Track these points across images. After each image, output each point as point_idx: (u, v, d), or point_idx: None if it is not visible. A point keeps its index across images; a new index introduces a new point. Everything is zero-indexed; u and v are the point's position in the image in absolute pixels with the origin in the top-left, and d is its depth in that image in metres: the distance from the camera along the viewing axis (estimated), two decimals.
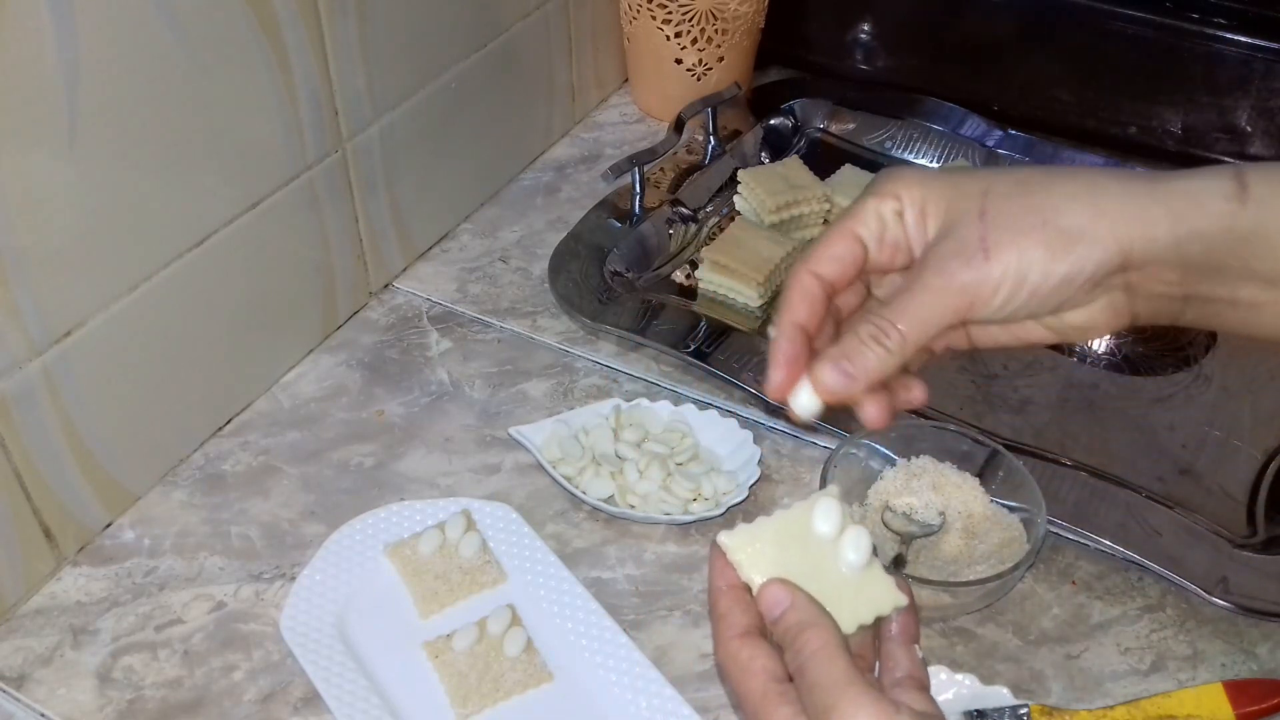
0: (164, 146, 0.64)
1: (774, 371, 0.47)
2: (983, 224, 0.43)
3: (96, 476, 0.66)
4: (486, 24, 0.88)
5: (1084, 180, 0.43)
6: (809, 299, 0.46)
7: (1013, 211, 0.43)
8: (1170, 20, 0.92)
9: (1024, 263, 0.42)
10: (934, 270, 0.44)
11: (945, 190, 0.45)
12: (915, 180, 0.46)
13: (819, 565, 0.45)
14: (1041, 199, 0.43)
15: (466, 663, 0.60)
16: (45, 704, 0.59)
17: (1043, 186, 0.43)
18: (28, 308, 0.59)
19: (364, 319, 0.83)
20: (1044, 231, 0.42)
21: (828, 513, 0.46)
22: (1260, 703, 0.57)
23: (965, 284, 0.43)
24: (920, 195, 0.45)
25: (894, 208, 0.46)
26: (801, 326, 0.46)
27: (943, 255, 0.44)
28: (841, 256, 0.46)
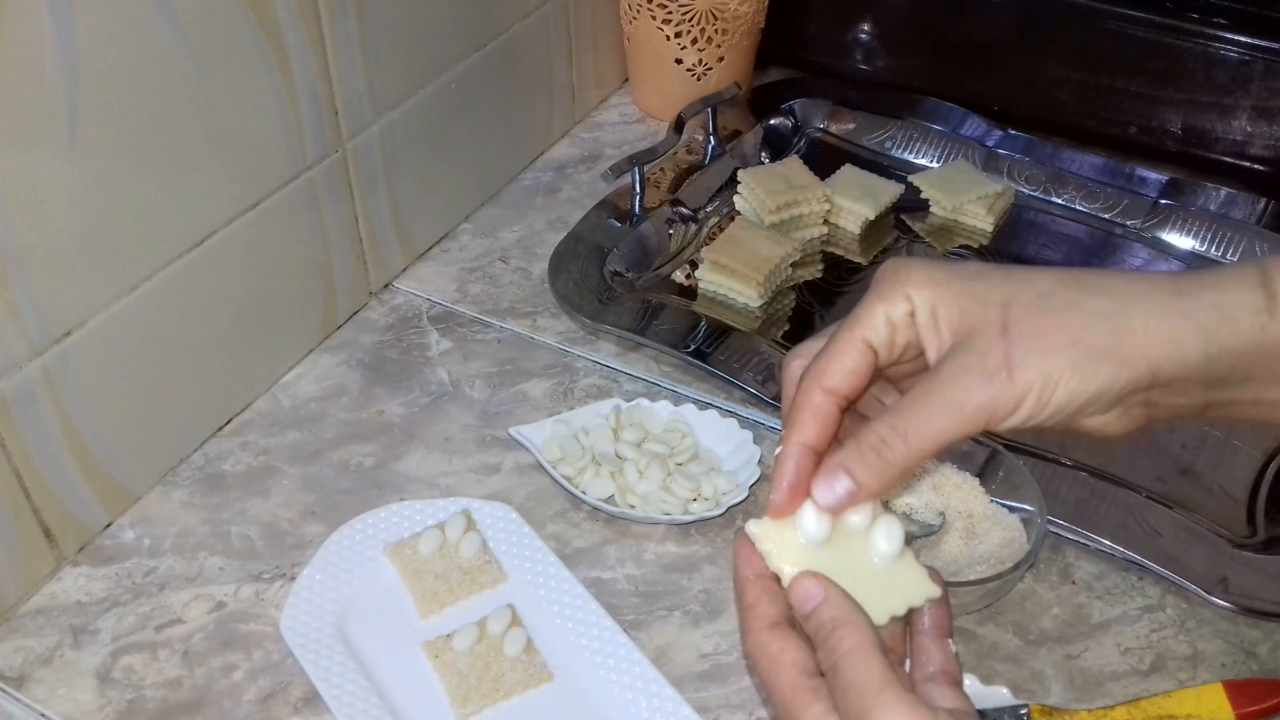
0: (164, 146, 0.64)
1: (776, 495, 0.45)
2: (1005, 340, 0.41)
3: (96, 476, 0.66)
4: (486, 24, 0.88)
5: (1111, 296, 0.41)
6: (820, 418, 0.44)
7: (1038, 329, 0.41)
8: (1170, 20, 0.92)
9: (1050, 383, 0.41)
10: (951, 384, 0.41)
11: (961, 295, 0.42)
12: (926, 279, 0.43)
13: (850, 555, 0.44)
14: (1068, 316, 0.41)
15: (466, 663, 0.60)
16: (45, 704, 0.59)
17: (1069, 304, 0.41)
18: (28, 308, 0.59)
19: (364, 319, 0.83)
20: (1073, 352, 0.40)
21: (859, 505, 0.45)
22: (1260, 703, 0.57)
23: (984, 403, 0.41)
24: (932, 297, 0.43)
25: (905, 310, 0.43)
26: (811, 448, 0.44)
27: (961, 370, 0.41)
28: (854, 369, 0.44)
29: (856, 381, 0.44)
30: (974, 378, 0.41)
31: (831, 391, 0.44)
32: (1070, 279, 0.42)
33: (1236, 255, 0.87)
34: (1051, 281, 0.42)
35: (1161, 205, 0.90)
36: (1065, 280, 0.42)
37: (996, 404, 0.41)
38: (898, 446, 0.42)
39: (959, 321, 0.42)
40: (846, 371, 0.44)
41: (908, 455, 0.42)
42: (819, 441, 0.45)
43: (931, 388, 0.42)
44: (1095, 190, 0.93)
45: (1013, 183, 0.95)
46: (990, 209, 0.91)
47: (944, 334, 0.43)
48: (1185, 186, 0.91)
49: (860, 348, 0.44)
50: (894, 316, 0.44)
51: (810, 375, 0.45)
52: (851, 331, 0.44)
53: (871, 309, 0.44)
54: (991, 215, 0.91)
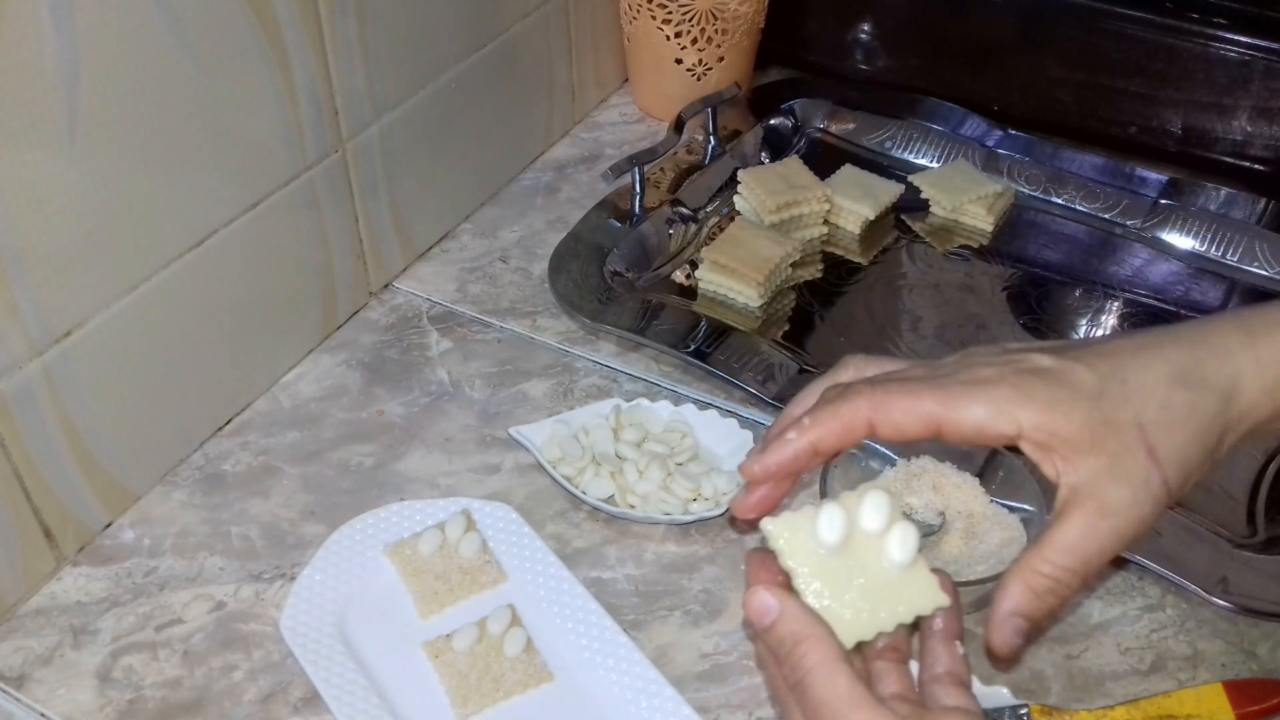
0: (164, 146, 0.64)
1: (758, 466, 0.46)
2: (1156, 465, 0.42)
3: (96, 476, 0.66)
4: (486, 24, 0.88)
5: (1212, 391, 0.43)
6: (846, 436, 0.45)
7: (1176, 443, 0.43)
8: (1170, 20, 0.92)
9: (1191, 479, 0.44)
10: (1123, 518, 0.43)
11: (1087, 420, 0.42)
12: (1046, 404, 0.43)
13: (862, 559, 0.44)
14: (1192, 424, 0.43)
15: (466, 663, 0.60)
16: (45, 704, 0.59)
17: (1190, 408, 0.43)
18: (28, 308, 0.59)
19: (364, 319, 0.83)
20: (1204, 455, 0.43)
21: (877, 507, 0.44)
22: (1260, 702, 0.57)
23: (1150, 523, 0.43)
24: (1048, 422, 0.42)
25: (1007, 434, 0.43)
26: (816, 451, 0.45)
27: (1127, 502, 0.42)
28: (904, 429, 0.44)
29: (900, 437, 0.45)
30: (1144, 508, 0.42)
31: (871, 426, 0.44)
32: (1181, 377, 0.43)
33: (1236, 255, 0.87)
34: (1167, 385, 0.43)
35: (1161, 205, 0.90)
36: (1179, 380, 0.43)
37: (1158, 514, 0.43)
38: (1073, 583, 0.43)
39: (1092, 454, 0.42)
40: (897, 425, 0.44)
41: (1079, 587, 0.43)
42: (826, 451, 0.45)
43: (1102, 527, 0.42)
44: (1095, 190, 0.93)
45: (1013, 183, 0.95)
46: (990, 209, 0.91)
47: (1070, 456, 0.43)
48: (1185, 186, 0.91)
49: (926, 424, 0.44)
50: (989, 431, 0.43)
51: (866, 398, 0.44)
52: (937, 409, 0.43)
53: (969, 407, 0.43)
54: (991, 215, 0.91)
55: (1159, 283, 0.87)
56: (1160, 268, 0.88)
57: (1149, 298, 0.85)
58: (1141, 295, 0.85)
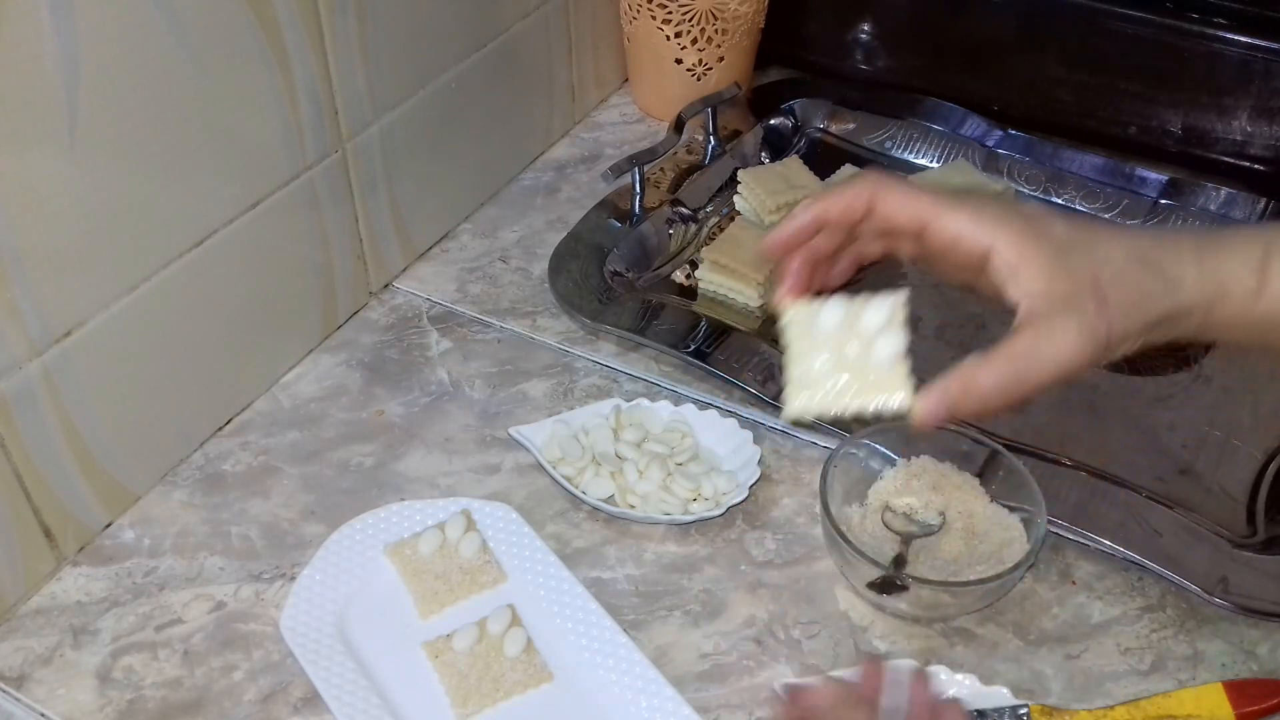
0: (164, 146, 0.64)
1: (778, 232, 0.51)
2: (1103, 313, 0.48)
3: (96, 476, 0.66)
4: (486, 24, 0.88)
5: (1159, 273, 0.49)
6: (852, 209, 0.50)
7: (1122, 304, 0.48)
8: (1170, 20, 0.92)
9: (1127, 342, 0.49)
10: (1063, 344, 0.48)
11: (1051, 265, 0.48)
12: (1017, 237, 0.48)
13: (851, 347, 0.48)
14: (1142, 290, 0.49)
15: (466, 663, 0.60)
16: (45, 704, 0.59)
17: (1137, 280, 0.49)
18: (28, 308, 0.59)
19: (364, 319, 0.83)
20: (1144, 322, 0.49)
21: (879, 307, 0.48)
22: (1260, 703, 0.57)
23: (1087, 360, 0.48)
24: (1018, 256, 0.48)
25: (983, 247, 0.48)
26: (822, 220, 0.51)
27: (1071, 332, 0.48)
28: (906, 215, 0.50)
29: (890, 223, 0.50)
30: (1085, 340, 0.47)
31: (870, 206, 0.50)
32: (1137, 255, 0.49)
33: None
34: (1123, 259, 0.49)
35: (1161, 205, 0.90)
36: (1135, 258, 0.49)
37: (1095, 360, 0.48)
38: (1011, 380, 0.48)
39: (1045, 281, 0.48)
40: (892, 211, 0.50)
41: (1021, 389, 0.48)
42: (831, 220, 0.51)
43: (1043, 343, 0.48)
44: (1095, 190, 0.93)
45: (1013, 183, 0.95)
46: None
47: (1026, 286, 0.48)
48: (1185, 186, 0.91)
49: (918, 219, 0.49)
50: (964, 242, 0.49)
51: (872, 182, 0.50)
52: (927, 208, 0.49)
53: (955, 217, 0.49)
54: None
55: None
56: None
57: None
58: None
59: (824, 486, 0.63)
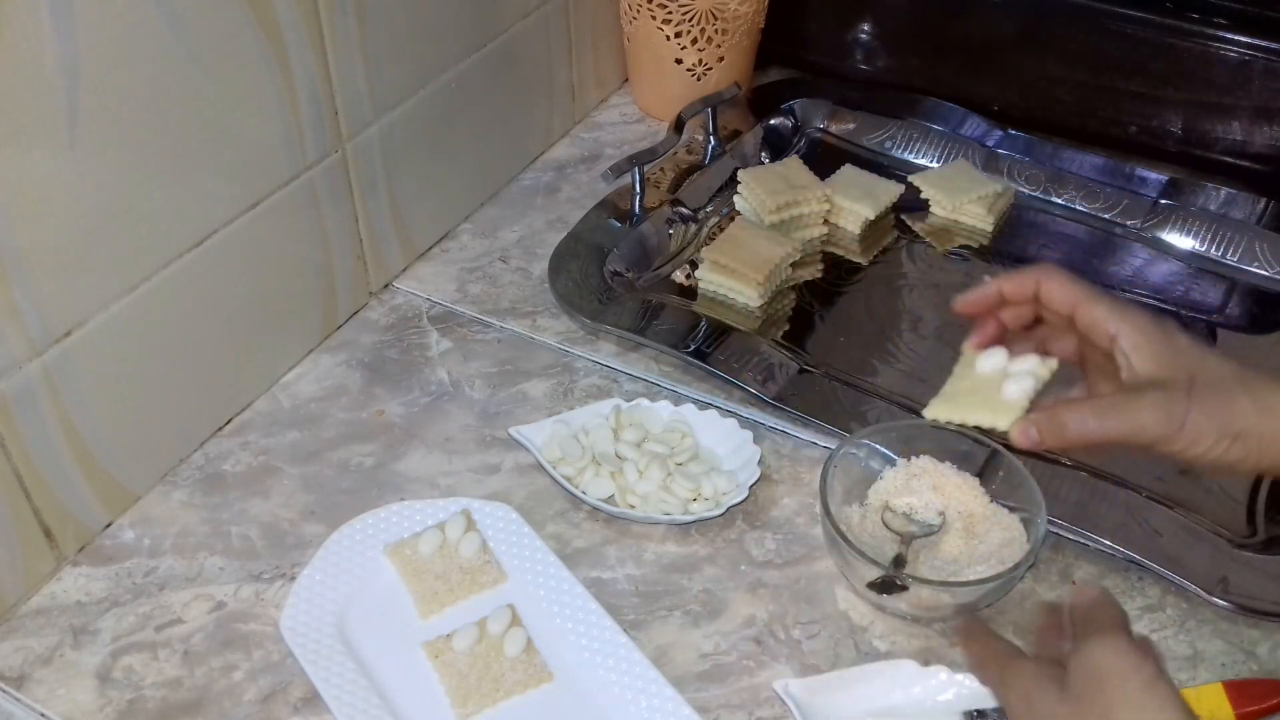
0: (164, 146, 0.64)
1: (974, 295, 0.60)
2: (1188, 400, 0.53)
3: (96, 476, 0.66)
4: (486, 24, 0.88)
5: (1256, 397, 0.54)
6: (1025, 292, 0.59)
7: (1208, 405, 0.53)
8: (1170, 20, 0.92)
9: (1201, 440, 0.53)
10: (1146, 409, 0.54)
11: (1161, 352, 0.55)
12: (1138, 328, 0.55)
13: (993, 386, 0.58)
14: (1230, 404, 0.53)
15: (466, 663, 0.60)
16: (45, 704, 0.59)
17: (1232, 395, 0.54)
18: (28, 308, 0.59)
19: (364, 319, 0.83)
20: (1221, 429, 0.53)
21: (1027, 361, 0.58)
22: (1260, 703, 0.57)
23: (1159, 434, 0.53)
24: (1136, 339, 0.55)
25: (1110, 331, 0.56)
26: (1002, 295, 0.60)
27: (1155, 403, 0.53)
28: (1061, 301, 0.58)
29: (1048, 301, 0.59)
30: (1162, 414, 0.53)
31: (1038, 287, 0.58)
32: (1240, 378, 0.55)
33: (1236, 255, 0.87)
34: (1227, 376, 0.54)
35: (1161, 205, 0.90)
36: (1238, 379, 0.54)
37: (1166, 438, 0.53)
38: (1092, 426, 0.54)
39: (1153, 367, 0.55)
40: (1051, 294, 0.58)
41: (1097, 436, 0.54)
42: (1009, 296, 0.60)
43: (1128, 404, 0.54)
44: (1095, 190, 0.93)
45: (1013, 183, 0.95)
46: (990, 209, 0.91)
47: (1136, 368, 0.55)
48: (1185, 186, 0.91)
49: (1068, 303, 0.57)
50: (1099, 324, 0.56)
51: (1041, 272, 0.59)
52: (1078, 295, 0.57)
53: (1097, 306, 0.57)
54: (991, 215, 0.91)
55: (1159, 283, 0.87)
56: (1160, 268, 0.88)
57: (1149, 298, 0.85)
58: (1141, 295, 0.85)
59: (824, 486, 0.63)
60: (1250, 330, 0.83)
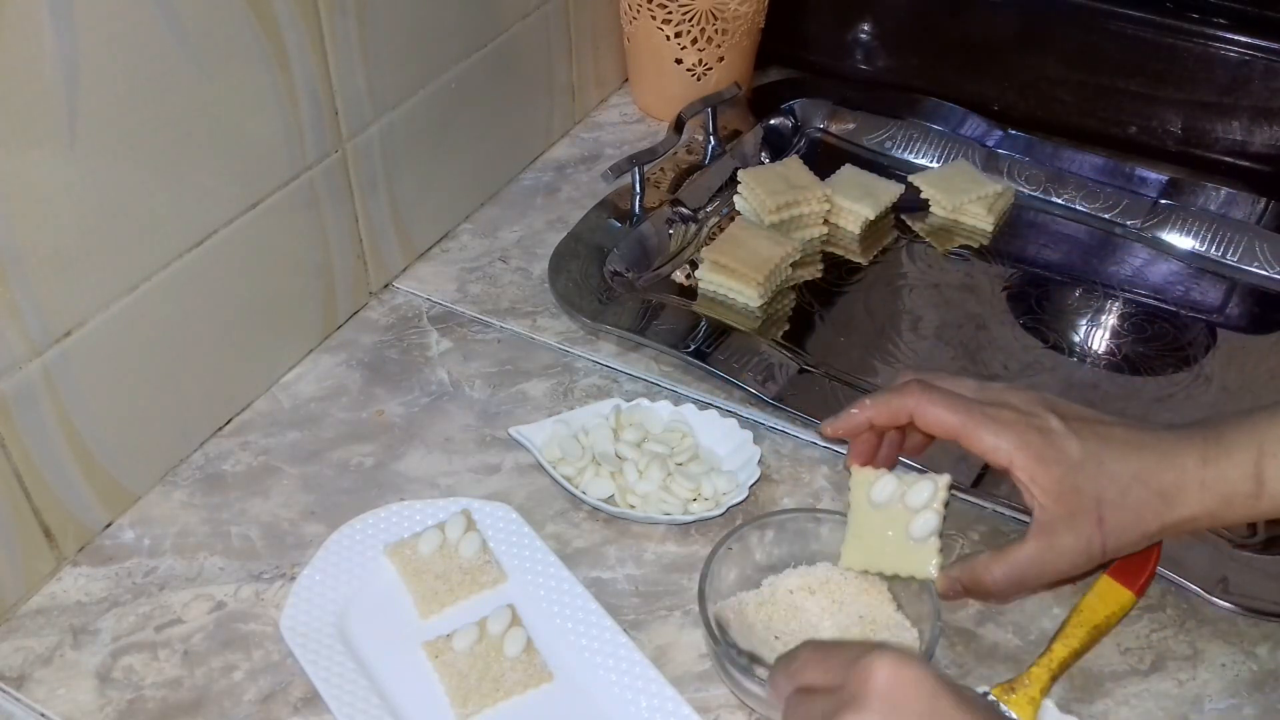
0: (164, 146, 0.64)
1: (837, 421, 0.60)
2: (1102, 533, 0.54)
3: (96, 476, 0.66)
4: (486, 24, 0.88)
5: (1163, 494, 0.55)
6: (896, 416, 0.58)
7: (1121, 524, 0.55)
8: (1170, 20, 0.92)
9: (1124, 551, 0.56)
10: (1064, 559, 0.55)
11: (1060, 482, 0.54)
12: (1035, 459, 0.55)
13: (895, 521, 0.57)
14: (1141, 512, 0.55)
15: (466, 663, 0.60)
16: (45, 704, 0.59)
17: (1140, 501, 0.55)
18: (28, 308, 0.59)
19: (364, 319, 0.83)
20: (1141, 538, 0.56)
21: (921, 491, 0.57)
22: (1142, 573, 0.59)
23: (1080, 573, 0.56)
24: (1033, 471, 0.55)
25: (1004, 462, 0.55)
26: (871, 421, 0.59)
27: (1070, 550, 0.55)
28: (938, 425, 0.57)
29: (927, 431, 0.58)
30: (1081, 558, 0.55)
31: (912, 417, 0.57)
32: (1140, 476, 0.55)
33: (1236, 255, 0.87)
34: (1128, 479, 0.55)
35: (1161, 205, 0.90)
36: (1138, 479, 0.55)
37: (1090, 569, 0.56)
38: (1012, 585, 0.56)
39: (1055, 500, 0.55)
40: (929, 426, 0.57)
41: (1018, 592, 0.57)
42: (879, 425, 0.59)
43: (1043, 558, 0.55)
44: (1095, 190, 0.93)
45: (1013, 183, 0.95)
46: (990, 209, 0.91)
47: (1039, 499, 0.55)
48: (1185, 186, 0.91)
49: (952, 434, 0.56)
50: (989, 456, 0.56)
51: (915, 396, 0.57)
52: (961, 425, 0.56)
53: (982, 436, 0.56)
54: (991, 215, 0.91)
55: (1159, 283, 0.87)
56: (1160, 268, 0.88)
57: (1149, 298, 0.85)
58: (1141, 295, 0.85)
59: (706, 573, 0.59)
60: (1250, 330, 0.83)
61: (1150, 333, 0.82)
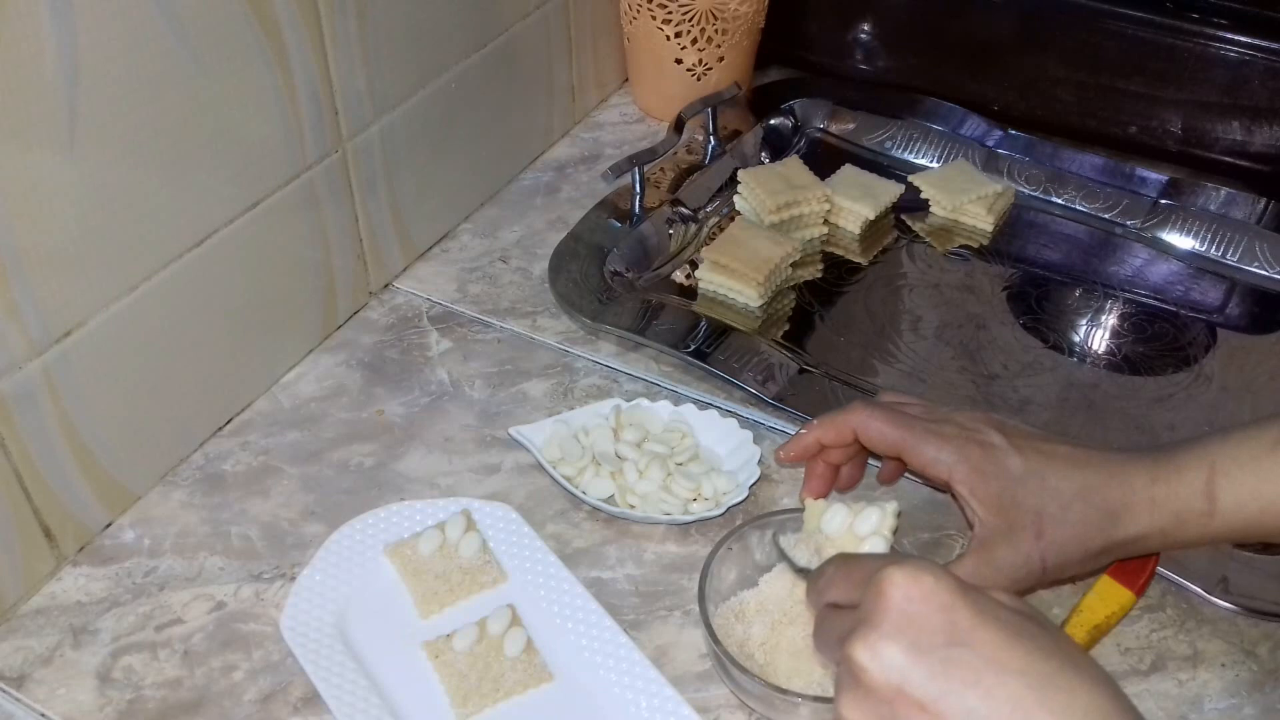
0: (164, 146, 0.64)
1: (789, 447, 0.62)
2: (1040, 545, 0.55)
3: (96, 476, 0.66)
4: (486, 24, 0.88)
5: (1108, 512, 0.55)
6: (843, 435, 0.60)
7: (1062, 540, 0.55)
8: (1170, 20, 0.92)
9: (1066, 571, 0.57)
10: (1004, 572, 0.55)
11: (999, 495, 0.55)
12: (974, 473, 0.56)
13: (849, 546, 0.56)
14: (1082, 530, 0.55)
15: (466, 663, 0.60)
16: (45, 704, 0.59)
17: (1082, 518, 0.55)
18: (28, 308, 0.59)
19: (364, 319, 0.83)
20: (1084, 556, 0.56)
21: (867, 519, 0.56)
22: (1141, 573, 0.60)
23: (1024, 586, 0.56)
24: (973, 484, 0.56)
25: (943, 476, 0.56)
26: (821, 443, 0.61)
27: (1009, 564, 0.55)
28: (880, 442, 0.59)
29: (872, 448, 0.60)
30: (1020, 572, 0.55)
31: (856, 435, 0.59)
32: (1083, 493, 0.55)
33: (1236, 255, 0.87)
34: (1071, 494, 0.55)
35: (1161, 205, 0.90)
36: (1081, 495, 0.55)
37: (1033, 584, 0.57)
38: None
39: (994, 513, 0.55)
40: (871, 441, 0.59)
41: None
42: (828, 443, 0.61)
43: (982, 571, 0.55)
44: (1095, 190, 0.93)
45: (1013, 183, 0.95)
46: (990, 209, 0.91)
47: (979, 513, 0.56)
48: (1185, 186, 0.91)
49: (895, 449, 0.58)
50: (929, 471, 0.57)
51: (859, 415, 0.59)
52: (903, 440, 0.58)
53: (923, 449, 0.57)
54: (991, 215, 0.91)
55: (1159, 283, 0.87)
56: (1160, 268, 0.88)
57: (1149, 298, 0.85)
58: (1141, 295, 0.85)
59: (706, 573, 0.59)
60: (1250, 330, 0.83)
61: (1150, 333, 0.82)
